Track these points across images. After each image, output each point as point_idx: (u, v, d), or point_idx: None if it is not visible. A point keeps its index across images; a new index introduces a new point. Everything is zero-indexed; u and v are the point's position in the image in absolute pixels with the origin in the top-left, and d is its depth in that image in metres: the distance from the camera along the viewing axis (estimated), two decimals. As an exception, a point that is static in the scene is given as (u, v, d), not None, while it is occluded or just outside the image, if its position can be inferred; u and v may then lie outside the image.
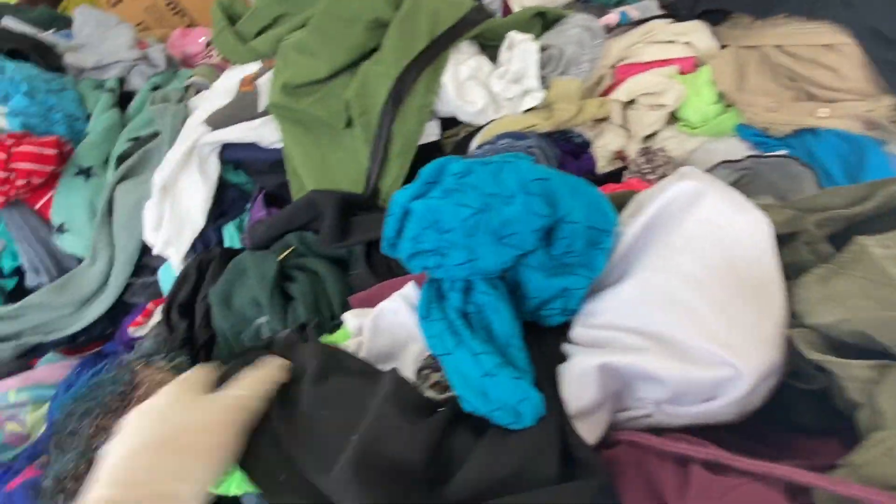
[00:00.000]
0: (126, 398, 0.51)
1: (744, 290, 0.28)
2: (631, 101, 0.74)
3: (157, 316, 0.93)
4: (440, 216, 0.30)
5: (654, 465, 0.27)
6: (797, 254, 0.33)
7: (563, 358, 0.32)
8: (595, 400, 0.30)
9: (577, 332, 0.33)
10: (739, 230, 0.29)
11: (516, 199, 0.29)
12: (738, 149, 0.66)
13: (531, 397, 0.28)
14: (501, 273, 0.32)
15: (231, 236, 0.78)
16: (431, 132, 0.73)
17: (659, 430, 0.30)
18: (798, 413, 0.30)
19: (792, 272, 0.31)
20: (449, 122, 0.75)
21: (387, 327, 0.37)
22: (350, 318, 0.40)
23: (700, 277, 0.29)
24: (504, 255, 0.30)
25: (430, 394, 0.32)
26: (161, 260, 0.86)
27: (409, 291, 0.41)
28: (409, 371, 0.38)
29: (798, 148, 0.59)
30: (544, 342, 0.32)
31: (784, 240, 0.32)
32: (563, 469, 0.26)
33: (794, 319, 0.30)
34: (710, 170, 0.55)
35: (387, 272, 0.53)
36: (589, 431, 0.29)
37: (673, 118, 0.74)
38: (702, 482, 0.24)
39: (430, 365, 0.33)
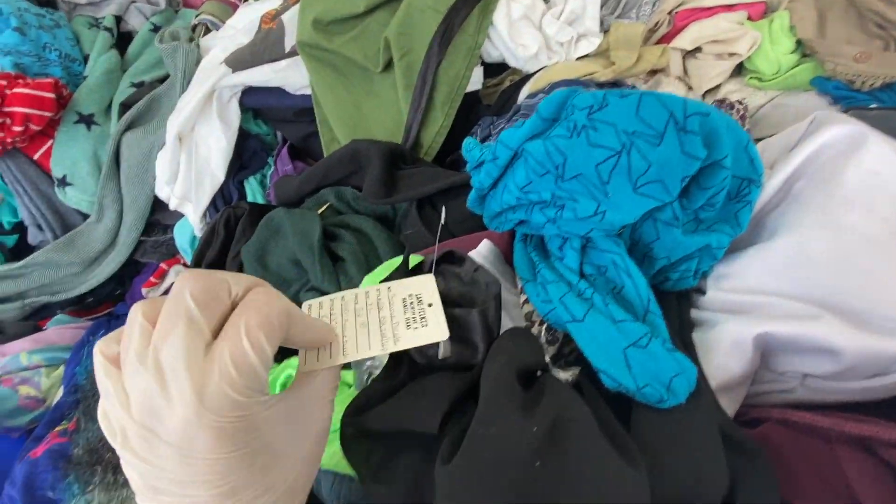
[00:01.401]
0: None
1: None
2: (695, 50, 0.67)
3: (172, 276, 0.88)
4: (567, 159, 0.25)
5: (821, 451, 0.24)
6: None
7: (691, 326, 0.28)
8: (743, 373, 0.26)
9: (713, 296, 0.29)
10: (914, 183, 0.25)
11: (667, 138, 0.24)
12: (814, 104, 0.60)
13: (687, 371, 0.24)
14: (622, 228, 0.27)
15: (253, 191, 0.72)
16: (475, 79, 0.66)
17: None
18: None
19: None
20: (490, 71, 0.69)
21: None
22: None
23: (876, 236, 0.24)
24: (641, 207, 0.25)
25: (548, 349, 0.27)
26: (174, 217, 0.80)
27: (487, 250, 0.37)
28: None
29: (888, 103, 0.53)
30: (667, 307, 0.28)
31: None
32: (728, 453, 0.23)
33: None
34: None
35: (444, 233, 0.49)
36: (726, 409, 0.25)
37: (738, 70, 0.68)
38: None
39: (547, 339, 0.28)
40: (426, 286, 0.27)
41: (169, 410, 0.19)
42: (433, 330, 0.25)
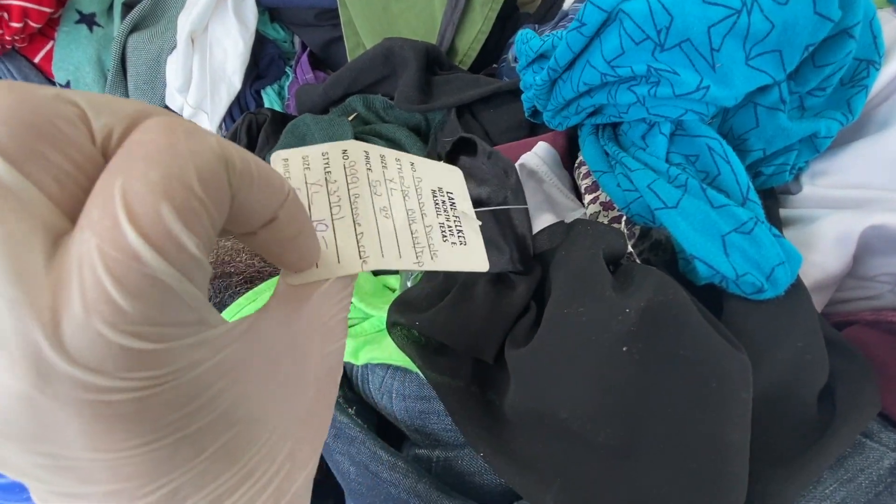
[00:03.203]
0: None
1: None
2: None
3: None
4: (673, 20, 0.21)
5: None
6: None
7: (780, 224, 0.26)
8: (841, 270, 0.24)
9: (809, 191, 0.26)
10: None
11: (796, -6, 0.20)
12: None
13: (793, 259, 0.22)
14: (713, 116, 0.24)
15: (272, 102, 0.68)
16: (517, -20, 0.60)
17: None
18: None
19: None
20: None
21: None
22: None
23: None
24: (751, 82, 0.22)
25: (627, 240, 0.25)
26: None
27: (544, 152, 0.34)
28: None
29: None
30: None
31: None
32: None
33: None
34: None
35: (486, 140, 0.45)
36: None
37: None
38: None
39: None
40: (456, 183, 0.20)
41: None
42: (473, 254, 0.18)
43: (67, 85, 0.77)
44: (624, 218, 0.26)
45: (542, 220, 0.32)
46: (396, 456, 0.25)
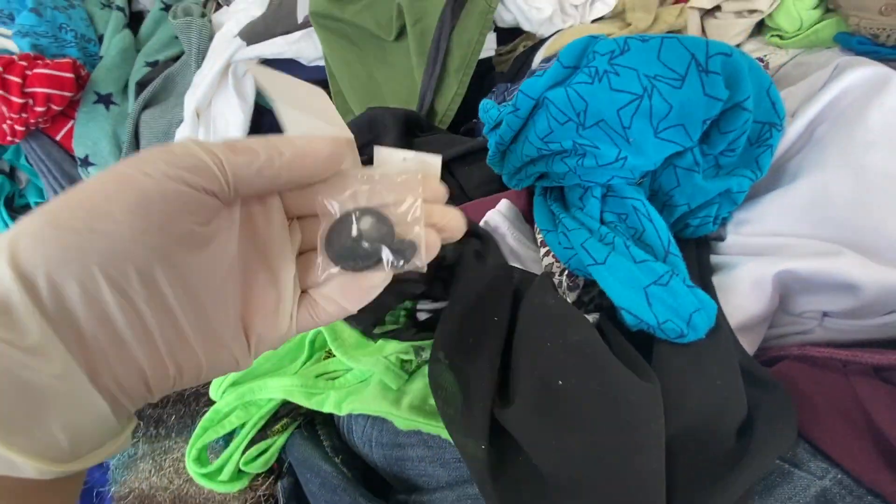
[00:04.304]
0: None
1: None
2: (714, 9, 0.66)
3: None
4: (588, 105, 0.25)
5: (836, 381, 0.24)
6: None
7: (711, 270, 0.29)
8: (762, 312, 0.27)
9: (733, 240, 0.29)
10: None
11: (689, 79, 0.24)
12: (837, 60, 0.59)
13: (707, 307, 0.24)
14: (643, 176, 0.28)
15: (271, 165, 0.73)
16: (489, 46, 0.66)
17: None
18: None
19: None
20: (503, 38, 0.68)
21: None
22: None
23: (898, 174, 0.25)
24: (662, 152, 0.25)
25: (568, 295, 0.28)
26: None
27: (506, 209, 0.37)
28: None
29: (915, 55, 0.52)
30: (686, 253, 0.29)
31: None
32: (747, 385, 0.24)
33: None
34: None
35: (460, 195, 0.49)
36: (745, 348, 0.26)
37: (758, 29, 0.66)
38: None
39: (568, 286, 0.29)
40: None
41: None
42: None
43: (87, 158, 0.84)
44: (567, 271, 0.29)
45: (508, 271, 0.35)
46: (375, 502, 0.27)
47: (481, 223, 0.34)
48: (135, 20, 0.97)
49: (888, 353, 0.24)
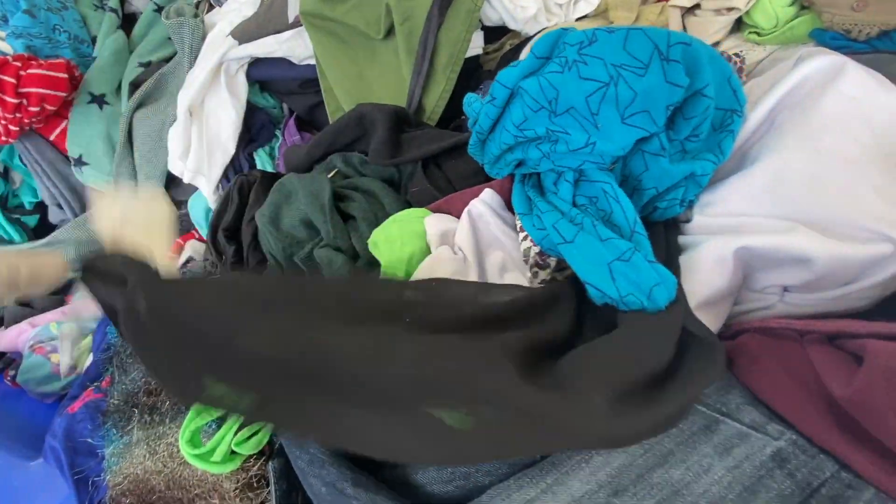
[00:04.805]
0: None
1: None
2: (693, 7, 0.68)
3: (189, 251, 0.91)
4: (559, 93, 0.27)
5: (792, 350, 0.26)
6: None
7: (678, 249, 0.30)
8: (725, 288, 0.28)
9: (697, 221, 0.31)
10: (890, 110, 0.27)
11: (651, 68, 0.25)
12: (812, 55, 0.61)
13: (667, 281, 0.26)
14: (613, 161, 0.29)
15: (264, 162, 0.74)
16: (476, 44, 0.67)
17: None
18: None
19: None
20: (490, 36, 0.70)
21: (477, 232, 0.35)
22: (432, 224, 0.38)
23: (850, 155, 0.26)
24: (629, 137, 0.27)
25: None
26: (187, 193, 0.83)
27: (490, 198, 0.39)
28: (493, 278, 0.36)
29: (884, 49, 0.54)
30: (655, 234, 0.30)
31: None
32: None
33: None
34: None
35: (448, 187, 0.51)
36: (710, 323, 0.28)
37: (737, 27, 0.68)
38: (880, 351, 0.22)
39: (538, 263, 0.31)
40: None
41: None
42: None
43: (80, 158, 0.85)
44: (539, 250, 0.30)
45: (493, 257, 0.37)
46: (358, 473, 0.28)
47: (465, 211, 0.36)
48: (127, 21, 0.98)
49: (839, 322, 0.25)
